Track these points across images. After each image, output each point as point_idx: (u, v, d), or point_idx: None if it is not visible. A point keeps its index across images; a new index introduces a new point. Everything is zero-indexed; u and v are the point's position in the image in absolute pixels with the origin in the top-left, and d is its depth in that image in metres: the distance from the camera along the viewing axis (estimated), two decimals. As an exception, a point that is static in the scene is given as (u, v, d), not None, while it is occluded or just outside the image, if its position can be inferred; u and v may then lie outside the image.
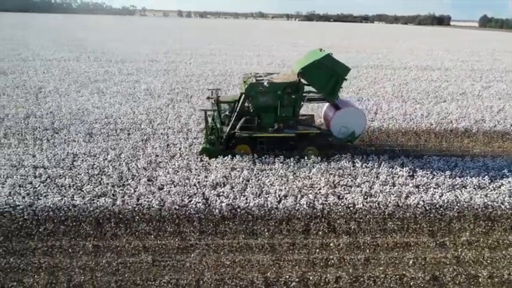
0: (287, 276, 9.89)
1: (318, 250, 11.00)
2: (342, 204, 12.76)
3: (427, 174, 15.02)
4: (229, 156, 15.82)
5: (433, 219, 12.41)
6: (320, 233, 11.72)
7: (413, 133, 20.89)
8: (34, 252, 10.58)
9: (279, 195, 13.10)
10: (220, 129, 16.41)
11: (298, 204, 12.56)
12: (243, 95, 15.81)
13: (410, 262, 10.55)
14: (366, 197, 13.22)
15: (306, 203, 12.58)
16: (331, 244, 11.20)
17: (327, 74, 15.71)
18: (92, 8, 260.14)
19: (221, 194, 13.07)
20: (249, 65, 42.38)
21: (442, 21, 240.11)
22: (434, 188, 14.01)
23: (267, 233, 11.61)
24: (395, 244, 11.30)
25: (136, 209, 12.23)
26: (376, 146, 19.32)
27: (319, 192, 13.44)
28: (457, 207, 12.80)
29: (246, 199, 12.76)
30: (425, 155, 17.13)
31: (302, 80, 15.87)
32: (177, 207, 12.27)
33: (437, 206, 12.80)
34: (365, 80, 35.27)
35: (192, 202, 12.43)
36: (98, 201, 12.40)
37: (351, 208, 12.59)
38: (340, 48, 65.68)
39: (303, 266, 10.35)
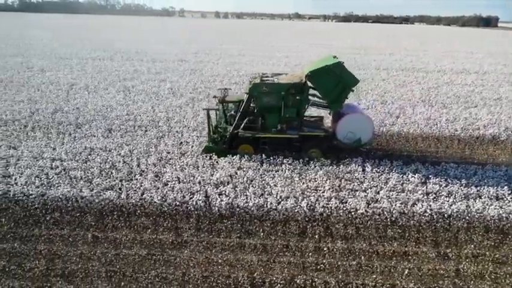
0: (274, 278, 9.79)
1: (311, 253, 10.82)
2: (344, 208, 12.48)
3: (441, 181, 14.31)
4: (238, 155, 15.90)
5: (438, 229, 11.83)
6: (316, 236, 11.51)
7: (434, 139, 19.99)
8: (38, 239, 11.18)
9: (280, 196, 13.02)
10: (224, 129, 16.55)
11: (298, 206, 12.43)
12: (247, 95, 15.86)
13: (406, 272, 10.10)
14: (370, 202, 12.83)
15: (307, 206, 12.41)
16: (325, 248, 10.97)
17: (334, 82, 15.51)
18: (134, 9, 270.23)
19: (223, 192, 13.19)
20: (277, 66, 42.31)
21: (489, 22, 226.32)
22: (446, 196, 13.32)
23: (261, 234, 11.57)
24: (393, 252, 10.88)
25: (139, 203, 12.64)
26: (393, 150, 18.67)
27: (322, 195, 13.22)
28: (467, 217, 12.14)
29: (247, 198, 12.78)
30: (443, 162, 16.34)
31: (308, 83, 15.70)
32: (178, 204, 12.52)
33: (445, 215, 12.20)
34: (393, 83, 34.20)
35: (192, 199, 12.65)
36: (104, 194, 12.92)
37: (352, 213, 12.27)
38: (374, 50, 64.11)
39: (293, 269, 10.20)
